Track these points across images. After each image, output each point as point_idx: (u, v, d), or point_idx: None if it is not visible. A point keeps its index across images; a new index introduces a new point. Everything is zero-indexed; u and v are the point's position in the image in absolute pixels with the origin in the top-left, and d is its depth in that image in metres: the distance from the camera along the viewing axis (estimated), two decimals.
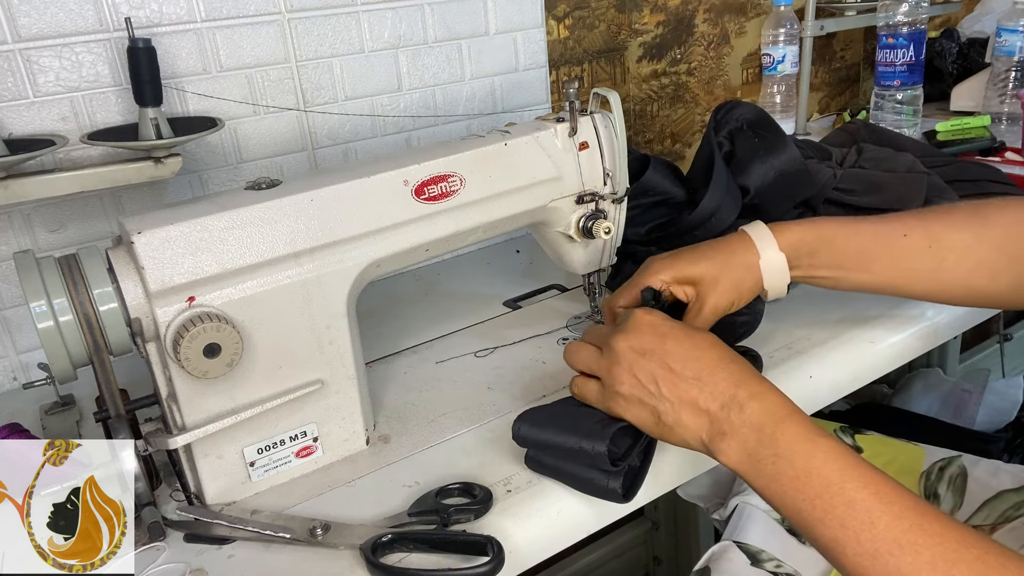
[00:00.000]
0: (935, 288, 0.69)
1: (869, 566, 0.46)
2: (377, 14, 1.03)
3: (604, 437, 0.59)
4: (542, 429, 0.63)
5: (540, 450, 0.64)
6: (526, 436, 0.64)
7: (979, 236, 0.67)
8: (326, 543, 0.60)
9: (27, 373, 0.91)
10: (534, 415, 0.64)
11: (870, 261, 0.69)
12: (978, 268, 0.67)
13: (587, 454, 0.60)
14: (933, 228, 0.68)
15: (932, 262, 0.67)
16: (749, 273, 0.69)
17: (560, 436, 0.62)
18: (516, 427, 0.64)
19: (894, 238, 0.68)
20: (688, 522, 1.39)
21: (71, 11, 0.84)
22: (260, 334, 0.64)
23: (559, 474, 0.63)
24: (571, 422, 0.62)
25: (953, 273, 0.67)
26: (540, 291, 1.02)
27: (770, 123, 1.00)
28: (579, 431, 0.61)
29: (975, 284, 0.67)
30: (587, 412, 0.63)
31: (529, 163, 0.76)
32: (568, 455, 0.61)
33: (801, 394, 0.76)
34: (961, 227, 0.68)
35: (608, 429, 0.60)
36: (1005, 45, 1.43)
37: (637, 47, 1.35)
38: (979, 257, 0.66)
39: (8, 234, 0.87)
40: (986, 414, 1.28)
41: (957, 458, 0.81)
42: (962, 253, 0.67)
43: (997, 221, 0.67)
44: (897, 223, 0.69)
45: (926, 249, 0.67)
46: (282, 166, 1.01)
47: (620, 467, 0.60)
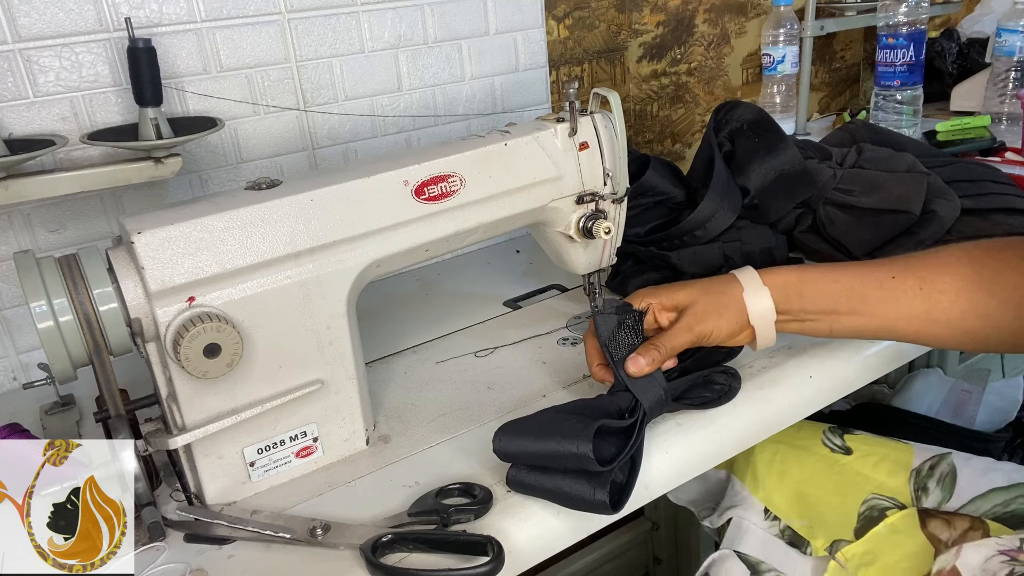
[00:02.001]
0: (932, 331, 0.68)
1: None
2: (377, 14, 1.03)
3: (587, 435, 0.58)
4: (522, 439, 0.62)
5: (521, 461, 0.62)
6: (507, 448, 0.62)
7: (970, 279, 0.66)
8: (326, 543, 0.60)
9: (27, 373, 0.91)
10: (513, 427, 0.63)
11: (861, 302, 0.68)
12: (971, 311, 0.66)
13: (572, 455, 0.58)
14: (922, 271, 0.68)
15: (925, 304, 0.67)
16: (733, 302, 0.69)
17: (541, 442, 0.60)
18: (496, 440, 0.62)
19: (883, 279, 0.68)
20: (688, 522, 1.38)
21: (71, 11, 0.84)
22: (260, 334, 0.64)
23: (543, 492, 0.61)
24: (551, 427, 0.61)
25: (947, 316, 0.67)
26: (540, 291, 1.02)
27: (770, 123, 1.00)
28: (561, 433, 0.59)
29: (971, 328, 0.67)
30: (566, 417, 0.62)
31: (529, 163, 0.76)
32: (551, 460, 0.60)
33: (801, 394, 0.76)
34: (952, 270, 0.67)
35: (589, 428, 0.59)
36: (1005, 45, 1.43)
37: (637, 47, 1.35)
38: (972, 299, 0.66)
39: (8, 234, 0.87)
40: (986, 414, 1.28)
41: (947, 455, 0.81)
42: (954, 295, 0.66)
43: (987, 264, 0.67)
44: (884, 266, 0.70)
45: (917, 291, 0.67)
46: (282, 166, 1.01)
47: (606, 470, 0.58)
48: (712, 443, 0.71)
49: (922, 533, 0.76)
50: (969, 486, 0.79)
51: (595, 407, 0.66)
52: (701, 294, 0.70)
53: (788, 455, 0.86)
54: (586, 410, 0.65)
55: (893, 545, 0.77)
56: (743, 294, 0.69)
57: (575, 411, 0.64)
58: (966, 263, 0.67)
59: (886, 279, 0.68)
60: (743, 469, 0.88)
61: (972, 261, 0.67)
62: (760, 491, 0.85)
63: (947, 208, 0.96)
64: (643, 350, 0.67)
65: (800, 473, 0.85)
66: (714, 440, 0.71)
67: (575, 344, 0.87)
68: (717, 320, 0.69)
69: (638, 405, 0.65)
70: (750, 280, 0.70)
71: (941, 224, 0.96)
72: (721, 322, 0.69)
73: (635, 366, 0.66)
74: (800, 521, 0.82)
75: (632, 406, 0.65)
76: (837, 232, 0.96)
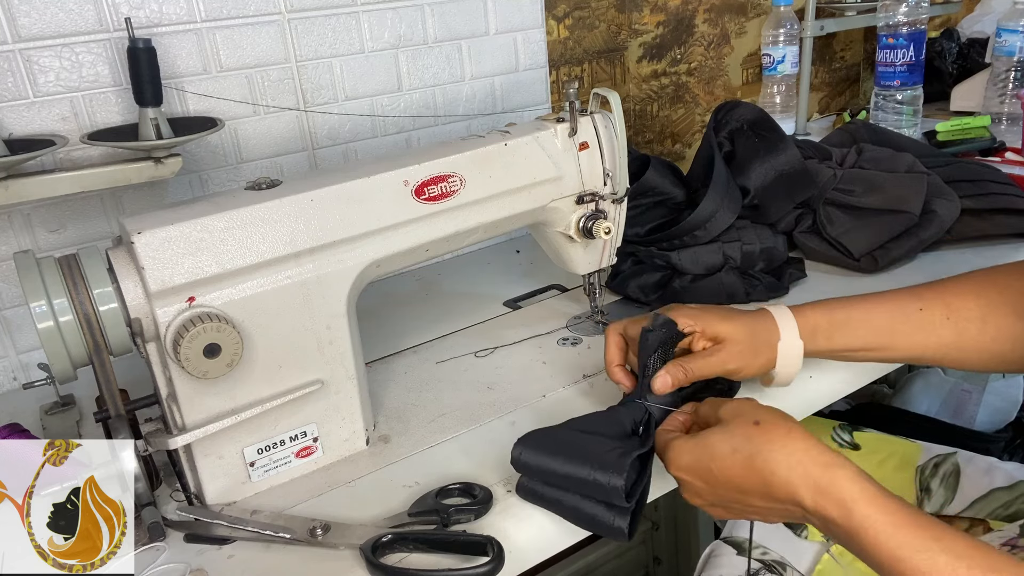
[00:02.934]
0: (962, 357, 0.69)
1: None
2: (377, 14, 1.03)
3: (621, 469, 0.56)
4: (548, 456, 0.59)
5: (540, 478, 0.61)
6: (528, 462, 0.60)
7: (994, 303, 0.67)
8: (326, 543, 0.60)
9: (27, 373, 0.91)
10: (536, 440, 0.61)
11: (890, 337, 0.68)
12: (999, 335, 0.67)
13: (600, 487, 0.56)
14: (947, 298, 0.68)
15: (953, 332, 0.67)
16: (766, 350, 0.68)
17: (569, 465, 0.58)
18: (516, 452, 0.60)
19: (911, 312, 0.68)
20: (688, 522, 1.39)
21: (71, 11, 0.83)
22: (260, 334, 0.64)
23: (557, 506, 0.60)
24: (580, 450, 0.59)
25: (977, 342, 0.67)
26: (540, 291, 1.02)
27: (770, 123, 1.00)
28: (591, 461, 0.57)
29: (999, 351, 0.67)
30: (595, 439, 0.60)
31: (529, 163, 0.76)
32: (575, 486, 0.58)
33: (801, 394, 0.76)
34: (976, 295, 0.68)
35: (624, 460, 0.57)
36: (1005, 45, 1.43)
37: (637, 47, 1.35)
38: (998, 323, 0.66)
39: (8, 234, 0.87)
40: (986, 414, 1.28)
41: (952, 455, 0.82)
42: (981, 322, 0.67)
43: (1010, 285, 0.67)
44: (911, 298, 0.69)
45: (945, 320, 0.67)
46: (282, 166, 1.01)
47: (631, 504, 0.57)
48: None
49: None
50: (972, 486, 0.79)
51: (614, 423, 0.64)
52: (744, 334, 0.68)
53: None
54: (608, 429, 0.63)
55: None
56: (779, 343, 0.69)
57: (598, 431, 0.62)
58: (991, 287, 0.68)
59: (914, 312, 0.68)
60: None
61: (996, 284, 0.68)
62: None
63: (947, 208, 0.96)
64: (671, 369, 0.66)
65: None
66: None
67: (575, 344, 0.87)
68: (751, 361, 0.68)
69: (651, 420, 0.64)
70: (788, 327, 0.69)
71: (941, 224, 0.96)
72: (753, 364, 0.68)
73: (662, 383, 0.65)
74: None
75: (646, 421, 0.64)
76: (837, 232, 0.96)
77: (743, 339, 0.67)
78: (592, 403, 0.75)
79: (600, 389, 0.77)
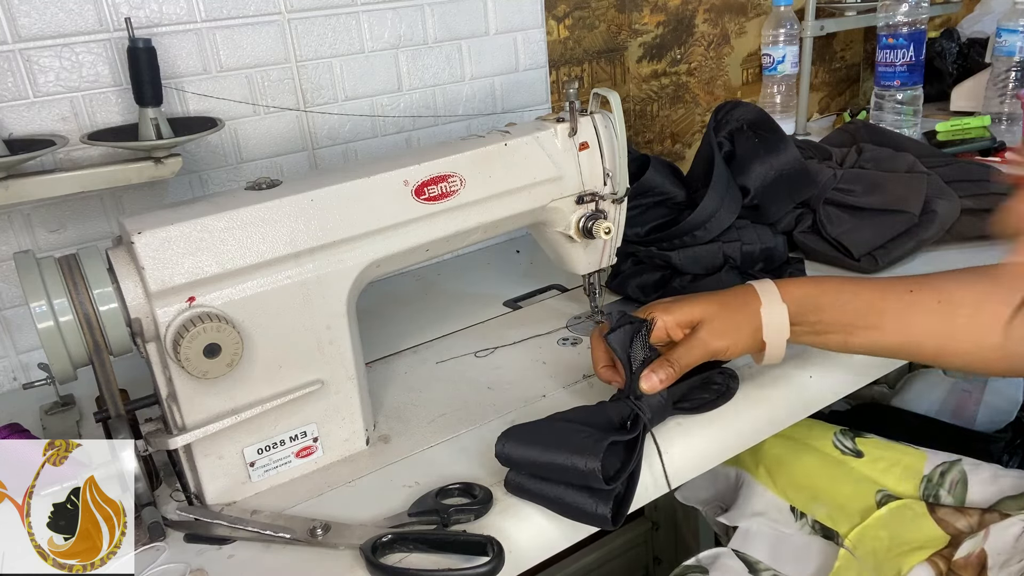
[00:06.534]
0: (951, 348, 0.67)
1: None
2: (377, 14, 1.03)
3: (597, 452, 0.57)
4: (528, 447, 0.61)
5: (525, 469, 0.62)
6: (511, 454, 0.61)
7: (988, 293, 0.66)
8: (326, 543, 0.60)
9: (27, 373, 0.91)
10: (519, 432, 0.62)
11: (879, 316, 0.67)
12: (992, 325, 0.65)
13: (579, 471, 0.58)
14: (939, 284, 0.68)
15: (943, 319, 0.67)
16: (749, 320, 0.68)
17: (548, 454, 0.59)
18: (500, 445, 0.62)
19: (901, 293, 0.68)
20: (688, 522, 1.39)
21: (71, 11, 0.83)
22: (260, 334, 0.64)
23: (543, 499, 0.61)
24: (560, 439, 0.60)
25: (966, 331, 0.66)
26: (540, 291, 1.02)
27: (770, 123, 1.00)
28: (569, 447, 0.59)
29: (990, 343, 0.66)
30: (576, 428, 0.61)
31: (529, 163, 0.76)
32: (556, 472, 0.59)
33: (801, 394, 0.76)
34: (970, 284, 0.67)
35: (600, 444, 0.58)
36: (1005, 45, 1.43)
37: (637, 47, 1.35)
38: (991, 311, 0.65)
39: (8, 234, 0.87)
40: (986, 414, 1.28)
41: (958, 462, 0.81)
42: (973, 309, 0.66)
43: (1005, 279, 0.66)
44: (902, 281, 0.69)
45: (935, 305, 0.67)
46: (282, 166, 1.01)
47: (611, 487, 0.58)
48: (712, 444, 0.71)
49: (931, 518, 0.76)
50: (980, 495, 0.79)
51: (599, 416, 0.65)
52: (719, 309, 0.68)
53: (799, 453, 0.86)
54: (591, 420, 0.64)
55: (899, 524, 0.76)
56: (761, 308, 0.68)
57: (580, 421, 0.63)
58: (984, 277, 0.67)
59: (904, 293, 0.68)
60: (754, 468, 0.88)
61: (989, 274, 0.67)
62: (780, 490, 0.85)
63: (947, 208, 0.96)
64: (658, 367, 0.66)
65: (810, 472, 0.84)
66: (714, 440, 0.71)
67: (575, 344, 0.87)
68: (735, 337, 0.68)
69: (640, 417, 0.64)
70: (769, 293, 0.69)
71: (941, 224, 0.96)
72: (739, 339, 0.68)
73: (649, 384, 0.65)
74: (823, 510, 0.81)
75: (634, 416, 0.64)
76: (837, 232, 0.96)
77: (716, 313, 0.67)
78: (592, 403, 0.75)
79: (600, 389, 0.77)
